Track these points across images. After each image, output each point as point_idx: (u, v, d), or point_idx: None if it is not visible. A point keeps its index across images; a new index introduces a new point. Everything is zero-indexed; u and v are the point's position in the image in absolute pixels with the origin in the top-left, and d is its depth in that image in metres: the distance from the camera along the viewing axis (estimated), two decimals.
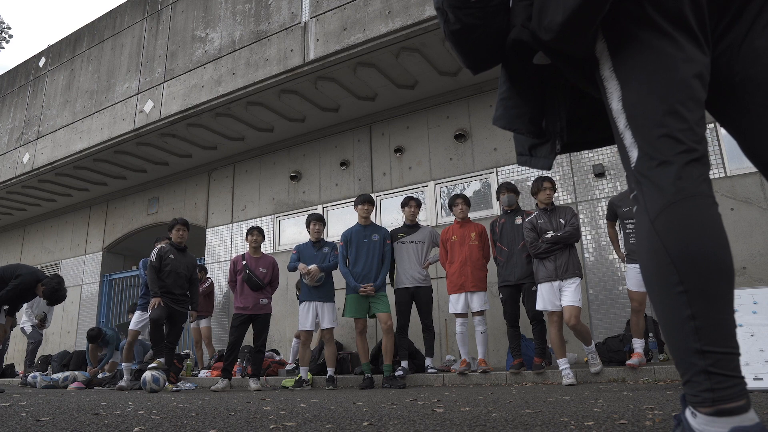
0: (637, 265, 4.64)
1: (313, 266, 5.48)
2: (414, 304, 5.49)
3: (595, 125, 1.36)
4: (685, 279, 0.95)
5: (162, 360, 5.46)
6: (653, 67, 1.04)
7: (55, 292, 5.59)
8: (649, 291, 1.04)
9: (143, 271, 6.26)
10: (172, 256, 5.81)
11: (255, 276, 5.78)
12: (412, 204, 5.68)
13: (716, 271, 0.95)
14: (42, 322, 8.05)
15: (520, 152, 1.42)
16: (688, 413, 0.97)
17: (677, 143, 1.00)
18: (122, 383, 6.00)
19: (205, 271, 8.15)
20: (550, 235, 4.60)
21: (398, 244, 5.57)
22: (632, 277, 4.68)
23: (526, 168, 6.74)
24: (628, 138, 1.07)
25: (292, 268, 5.68)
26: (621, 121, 1.09)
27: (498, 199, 5.42)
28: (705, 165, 1.01)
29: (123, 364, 6.27)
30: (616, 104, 1.10)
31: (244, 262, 5.86)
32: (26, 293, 5.59)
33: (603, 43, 1.12)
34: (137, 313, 6.24)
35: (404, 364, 5.30)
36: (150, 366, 5.32)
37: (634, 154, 1.06)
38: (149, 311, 5.65)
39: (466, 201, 5.47)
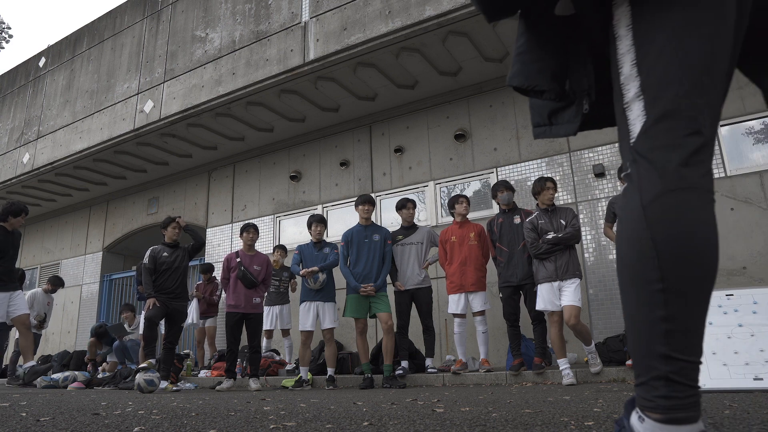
0: None
1: (314, 268, 5.49)
2: (414, 304, 5.50)
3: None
4: (667, 277, 0.87)
5: (152, 360, 5.36)
6: (682, 29, 0.90)
7: None
8: (620, 278, 0.94)
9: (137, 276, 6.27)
10: (165, 254, 5.76)
11: (250, 273, 5.77)
12: (409, 206, 5.68)
13: (702, 275, 0.87)
14: (41, 324, 8.03)
15: (537, 123, 1.21)
16: (634, 417, 0.92)
17: (689, 122, 0.89)
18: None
19: (212, 269, 8.06)
20: (551, 235, 4.60)
21: (398, 246, 5.57)
22: None
23: (526, 168, 6.77)
24: (636, 109, 0.94)
25: (296, 272, 5.68)
26: (632, 89, 0.95)
27: (494, 197, 5.31)
28: (710, 154, 0.91)
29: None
30: (628, 68, 0.96)
31: (238, 260, 5.84)
32: None
33: None
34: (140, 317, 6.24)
35: (404, 364, 5.30)
36: (140, 367, 5.27)
37: (636, 128, 0.94)
38: (144, 311, 5.63)
39: (469, 200, 5.56)
